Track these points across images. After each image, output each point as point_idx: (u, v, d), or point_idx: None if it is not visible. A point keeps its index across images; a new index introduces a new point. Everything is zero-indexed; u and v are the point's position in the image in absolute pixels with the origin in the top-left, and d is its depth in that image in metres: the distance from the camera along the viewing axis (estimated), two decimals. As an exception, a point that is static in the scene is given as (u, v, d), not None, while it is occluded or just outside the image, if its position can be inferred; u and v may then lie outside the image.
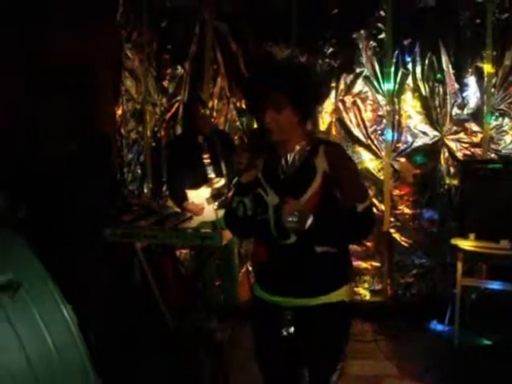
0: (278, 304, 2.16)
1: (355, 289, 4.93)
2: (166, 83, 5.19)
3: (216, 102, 5.18)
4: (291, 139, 2.12)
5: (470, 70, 4.73)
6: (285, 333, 2.16)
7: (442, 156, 4.83)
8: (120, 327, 3.49)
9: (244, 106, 5.10)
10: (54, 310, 1.53)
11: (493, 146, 4.75)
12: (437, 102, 4.81)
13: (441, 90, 4.79)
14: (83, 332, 1.59)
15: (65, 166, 3.64)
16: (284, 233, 2.06)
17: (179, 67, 5.16)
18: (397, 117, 4.87)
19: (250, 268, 5.19)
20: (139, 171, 5.23)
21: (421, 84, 4.81)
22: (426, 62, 4.77)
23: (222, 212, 4.47)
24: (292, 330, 2.16)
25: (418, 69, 4.80)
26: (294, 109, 2.05)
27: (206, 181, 4.54)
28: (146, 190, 5.22)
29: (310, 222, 1.98)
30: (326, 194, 2.06)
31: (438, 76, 4.79)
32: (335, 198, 2.06)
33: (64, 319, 1.53)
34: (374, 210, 4.82)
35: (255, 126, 4.85)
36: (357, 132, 4.90)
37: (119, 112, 5.05)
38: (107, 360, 1.89)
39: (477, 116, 4.76)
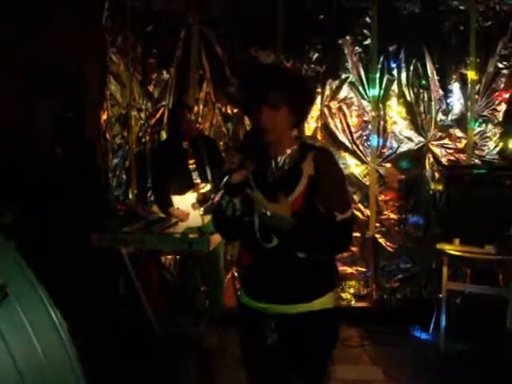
0: (262, 311, 2.12)
1: (341, 294, 4.93)
2: (151, 88, 5.16)
3: (201, 107, 5.16)
4: (283, 142, 2.10)
5: (454, 76, 4.80)
6: (269, 341, 2.12)
7: (426, 161, 4.87)
8: (106, 333, 3.45)
9: (232, 110, 5.10)
10: (43, 316, 1.50)
11: (477, 152, 4.81)
12: (421, 108, 4.86)
13: (425, 96, 4.84)
14: (72, 338, 1.56)
15: (51, 169, 3.61)
16: (266, 236, 2.05)
17: (164, 72, 5.14)
18: (382, 122, 4.90)
19: (236, 274, 5.17)
20: (124, 176, 5.17)
21: (406, 90, 4.86)
22: (411, 68, 4.82)
23: (208, 217, 4.51)
24: (276, 337, 2.11)
25: (403, 75, 4.85)
26: (290, 109, 2.04)
27: (191, 186, 4.52)
28: (131, 196, 5.18)
29: (291, 221, 1.95)
30: (310, 199, 2.04)
31: (423, 82, 4.84)
32: (317, 203, 2.04)
33: (53, 325, 1.50)
34: (359, 215, 4.86)
35: (246, 128, 4.97)
36: (342, 137, 4.92)
37: (104, 117, 5.00)
38: (94, 366, 1.86)
39: (461, 122, 4.82)
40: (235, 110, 5.14)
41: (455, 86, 4.81)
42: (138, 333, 3.61)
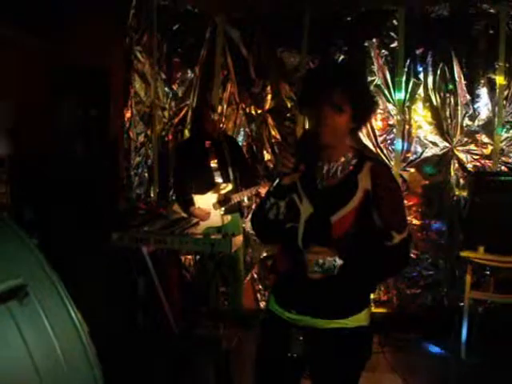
0: (291, 321, 2.04)
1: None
2: (175, 87, 5.17)
3: (225, 107, 5.16)
4: (338, 147, 1.99)
5: (482, 81, 4.72)
6: (293, 352, 2.04)
7: (451, 167, 4.80)
8: (124, 333, 3.45)
9: (256, 111, 5.08)
10: (63, 316, 1.49)
11: (503, 159, 4.73)
12: (448, 113, 4.79)
13: (452, 100, 4.77)
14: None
15: (73, 168, 3.62)
16: (309, 245, 1.95)
17: (189, 71, 5.15)
18: (407, 126, 4.84)
19: (256, 276, 5.16)
20: (146, 175, 5.19)
21: (432, 94, 4.79)
22: (438, 72, 4.75)
23: (228, 217, 4.51)
24: (302, 350, 2.03)
25: (430, 79, 4.78)
26: (352, 113, 1.92)
27: (212, 186, 4.52)
28: (152, 194, 5.19)
29: (338, 265, 1.88)
30: (363, 214, 1.92)
31: (450, 86, 4.76)
32: (372, 220, 1.92)
33: (73, 325, 1.49)
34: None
35: (270, 129, 4.96)
36: (366, 141, 4.87)
37: (128, 115, 5.01)
38: (112, 368, 1.85)
39: (488, 128, 4.74)
40: (259, 111, 5.13)
41: (483, 91, 4.72)
42: (156, 333, 3.60)
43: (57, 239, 3.31)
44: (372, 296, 4.90)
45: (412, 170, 4.85)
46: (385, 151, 4.86)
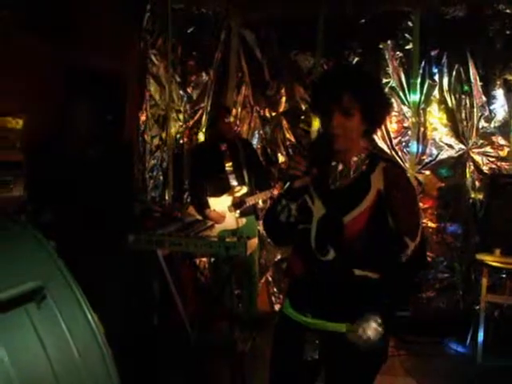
0: (306, 325, 2.03)
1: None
2: (190, 90, 5.19)
3: (239, 110, 5.17)
4: (352, 150, 1.98)
5: (498, 82, 4.67)
6: (309, 357, 2.02)
7: (467, 169, 4.75)
8: (139, 337, 3.47)
9: (270, 113, 5.10)
10: (80, 319, 1.50)
11: (520, 161, 4.68)
12: (463, 115, 4.75)
13: (468, 102, 4.73)
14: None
15: (88, 171, 3.65)
16: (323, 248, 1.95)
17: (204, 74, 5.17)
18: (422, 129, 4.81)
19: (270, 278, 5.16)
20: (161, 177, 5.22)
21: (447, 96, 4.75)
22: (454, 73, 4.72)
23: (243, 220, 4.52)
24: (317, 355, 2.02)
25: (445, 80, 4.75)
26: (363, 116, 1.92)
27: (227, 189, 4.53)
28: (167, 197, 5.21)
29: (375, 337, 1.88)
30: (376, 215, 1.91)
31: (465, 88, 4.72)
32: (385, 221, 1.91)
33: (90, 328, 1.50)
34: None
35: (284, 132, 4.97)
36: (381, 143, 4.85)
37: (143, 118, 5.05)
38: (128, 370, 1.87)
39: (504, 129, 4.68)
40: (273, 113, 5.14)
41: (499, 93, 4.67)
42: (171, 335, 3.62)
43: (73, 242, 3.33)
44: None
45: (427, 172, 4.82)
46: (400, 154, 4.84)
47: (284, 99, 5.11)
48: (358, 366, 1.99)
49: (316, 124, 4.88)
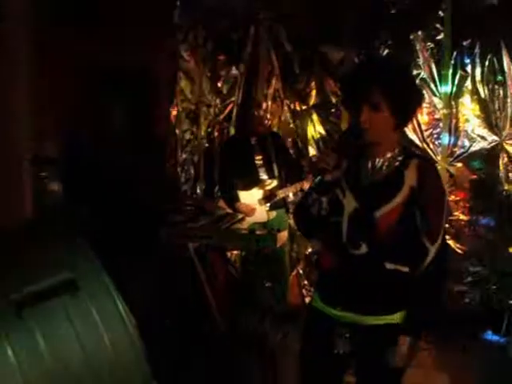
0: (336, 318, 2.04)
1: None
2: (220, 84, 5.23)
3: (270, 103, 5.18)
4: (383, 144, 1.98)
5: (533, 72, 4.57)
6: (341, 351, 2.03)
7: (500, 161, 4.66)
8: (171, 329, 3.52)
9: (301, 107, 5.09)
10: (112, 310, 1.56)
11: (555, 152, 4.58)
12: (496, 106, 4.65)
13: (501, 92, 4.63)
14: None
15: (122, 167, 3.72)
16: (355, 242, 1.97)
17: (234, 68, 5.20)
18: (454, 120, 4.74)
19: (301, 271, 5.18)
20: (192, 172, 5.28)
21: (480, 86, 4.66)
22: (486, 63, 4.62)
23: (273, 213, 4.54)
24: (348, 347, 2.03)
25: (478, 71, 4.66)
26: (392, 110, 1.91)
27: (257, 182, 4.55)
28: (198, 191, 5.28)
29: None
30: (408, 211, 1.93)
31: (499, 78, 4.62)
32: (414, 218, 1.93)
33: (121, 319, 1.56)
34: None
35: (314, 125, 4.97)
36: (412, 136, 4.79)
37: (174, 113, 5.11)
38: (159, 363, 1.92)
39: (539, 120, 4.59)
40: (303, 107, 5.13)
41: (534, 82, 4.58)
42: (202, 329, 3.66)
43: (109, 237, 3.41)
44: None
45: (459, 164, 4.75)
46: (431, 146, 4.78)
47: (314, 92, 5.10)
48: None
49: (346, 117, 4.86)
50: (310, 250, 5.15)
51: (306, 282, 5.18)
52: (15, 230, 1.81)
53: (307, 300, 5.07)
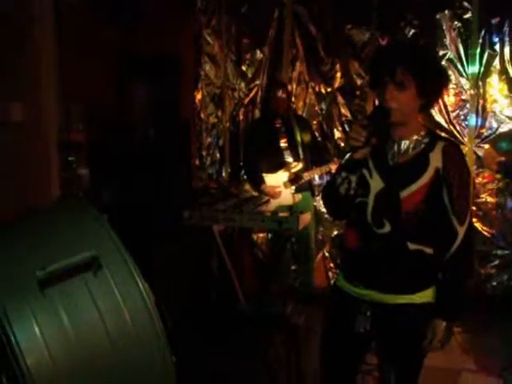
0: (359, 296, 2.07)
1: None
2: (244, 67, 5.24)
3: (295, 86, 5.17)
4: (409, 125, 2.00)
5: None
6: (361, 329, 2.06)
7: (529, 143, 4.60)
8: (196, 310, 3.58)
9: (326, 89, 5.07)
10: (132, 287, 1.61)
11: None
12: (526, 85, 4.57)
13: (531, 71, 4.55)
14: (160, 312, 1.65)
15: (148, 151, 3.77)
16: (379, 221, 1.99)
17: (258, 52, 5.19)
18: (481, 101, 4.67)
19: (327, 254, 5.19)
20: (218, 155, 5.32)
21: (509, 66, 4.58)
22: (516, 42, 4.54)
23: (299, 196, 4.56)
24: (369, 325, 2.05)
25: (507, 49, 4.57)
26: (417, 90, 1.93)
27: (283, 165, 4.57)
28: (224, 174, 5.32)
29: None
30: (433, 192, 1.95)
31: (529, 57, 4.54)
32: (441, 199, 1.96)
33: (141, 295, 1.60)
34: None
35: (340, 108, 4.94)
36: (438, 117, 4.74)
37: (198, 97, 5.14)
38: (182, 341, 1.96)
39: None
40: (328, 89, 5.11)
41: None
42: (227, 311, 3.71)
43: (133, 220, 3.47)
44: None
45: (487, 146, 4.68)
46: (458, 127, 4.72)
47: (339, 75, 5.06)
48: (411, 339, 2.04)
49: (371, 99, 4.82)
50: (335, 232, 5.15)
51: (331, 265, 5.19)
52: (40, 210, 1.87)
53: (333, 282, 5.08)
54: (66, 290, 1.54)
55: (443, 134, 4.64)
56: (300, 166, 4.56)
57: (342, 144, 5.07)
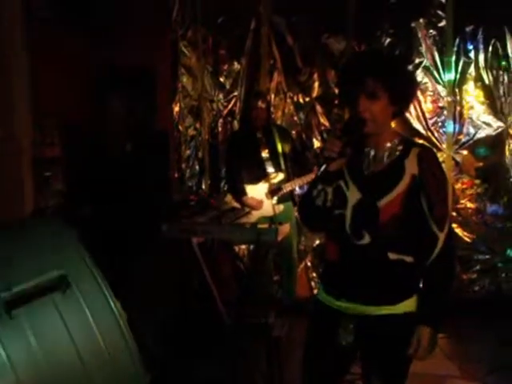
0: (341, 310, 2.04)
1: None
2: (222, 79, 5.22)
3: (273, 96, 5.16)
4: (382, 134, 2.00)
5: (538, 56, 4.51)
6: (344, 342, 2.02)
7: (506, 148, 4.64)
8: (175, 323, 3.54)
9: (304, 99, 5.06)
10: (103, 305, 1.57)
11: (561, 137, 4.53)
12: (501, 91, 4.63)
13: (506, 78, 4.61)
14: (134, 328, 1.62)
15: (124, 164, 3.73)
16: (358, 232, 1.97)
17: (235, 63, 5.18)
18: (458, 108, 4.70)
19: (309, 264, 5.17)
20: (197, 167, 5.29)
21: (484, 73, 4.63)
22: (490, 49, 4.60)
23: (280, 207, 4.53)
24: (352, 339, 2.02)
25: (481, 57, 4.63)
26: (389, 98, 1.92)
27: (264, 176, 4.54)
28: (204, 186, 5.28)
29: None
30: (411, 200, 1.93)
31: (503, 63, 4.60)
32: (419, 206, 1.93)
33: (113, 314, 1.57)
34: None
35: (319, 117, 4.94)
36: (416, 124, 4.76)
37: (176, 109, 5.12)
38: (161, 355, 1.93)
39: (544, 105, 4.54)
40: (307, 99, 5.11)
41: (538, 67, 4.53)
42: (208, 324, 3.67)
43: (112, 233, 3.43)
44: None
45: (465, 152, 4.72)
46: (436, 134, 4.75)
47: (317, 84, 5.07)
48: (393, 349, 2.01)
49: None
50: (317, 242, 5.14)
51: (314, 275, 5.17)
52: (8, 228, 1.82)
53: (315, 292, 5.06)
54: (34, 311, 1.49)
55: (421, 141, 4.73)
56: (281, 176, 4.54)
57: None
